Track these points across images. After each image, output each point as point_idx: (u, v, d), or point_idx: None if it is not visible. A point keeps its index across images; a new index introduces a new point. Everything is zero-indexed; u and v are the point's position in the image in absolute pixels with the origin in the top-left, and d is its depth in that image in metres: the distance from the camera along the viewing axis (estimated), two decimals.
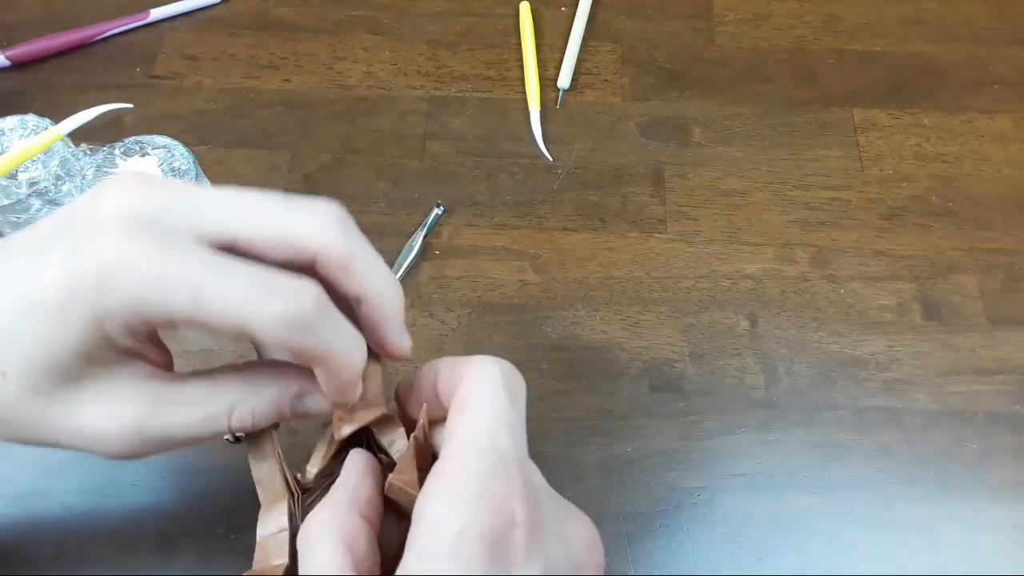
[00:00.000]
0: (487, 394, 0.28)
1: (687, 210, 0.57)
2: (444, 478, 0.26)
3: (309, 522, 0.28)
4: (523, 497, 0.26)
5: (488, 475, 0.26)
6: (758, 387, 0.50)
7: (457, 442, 0.27)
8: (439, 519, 0.25)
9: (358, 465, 0.30)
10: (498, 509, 0.25)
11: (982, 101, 0.62)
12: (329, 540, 0.26)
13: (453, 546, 0.24)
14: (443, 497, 0.26)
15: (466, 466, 0.26)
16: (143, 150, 0.48)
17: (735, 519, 0.46)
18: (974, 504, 0.47)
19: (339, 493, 0.28)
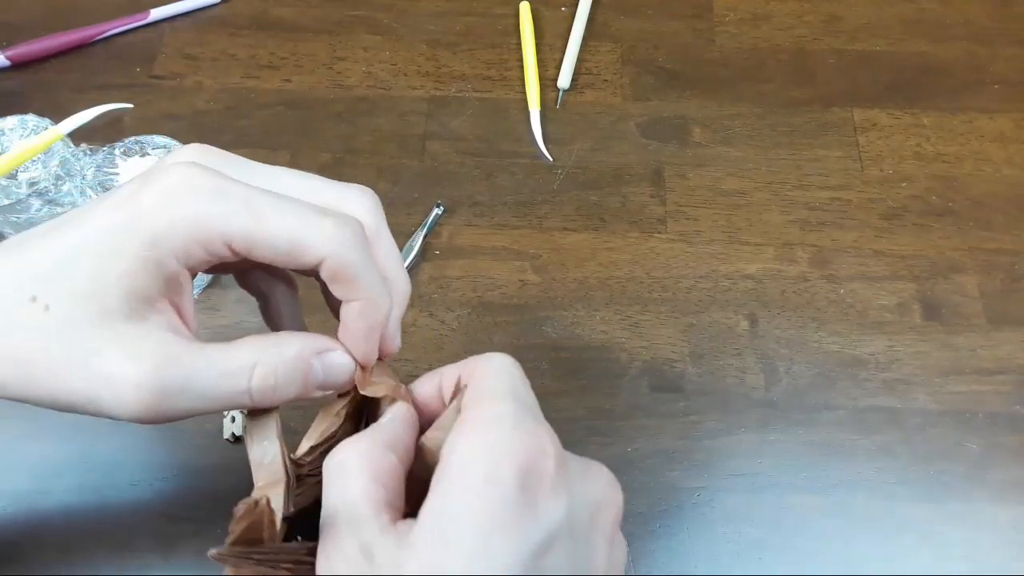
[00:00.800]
0: (503, 368, 0.29)
1: (687, 210, 0.57)
2: (474, 419, 0.27)
3: (344, 449, 0.28)
4: (551, 434, 0.27)
5: (517, 414, 0.26)
6: (758, 387, 0.50)
7: (479, 396, 0.27)
8: (473, 450, 0.25)
9: (401, 413, 0.30)
10: (530, 440, 0.26)
11: (982, 101, 0.62)
12: (363, 471, 0.26)
13: (489, 473, 0.25)
14: (476, 432, 0.26)
15: (494, 408, 0.27)
16: (143, 150, 0.48)
17: (735, 519, 0.46)
18: (974, 504, 0.47)
19: (377, 432, 0.28)
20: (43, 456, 0.48)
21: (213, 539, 0.46)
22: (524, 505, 0.24)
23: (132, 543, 0.46)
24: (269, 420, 0.30)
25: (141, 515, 0.46)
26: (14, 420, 0.49)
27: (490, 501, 0.24)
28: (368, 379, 0.31)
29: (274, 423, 0.30)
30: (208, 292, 0.53)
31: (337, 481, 0.27)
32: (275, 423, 0.30)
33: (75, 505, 0.47)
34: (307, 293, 0.38)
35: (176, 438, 0.48)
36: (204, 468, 0.47)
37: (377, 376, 0.32)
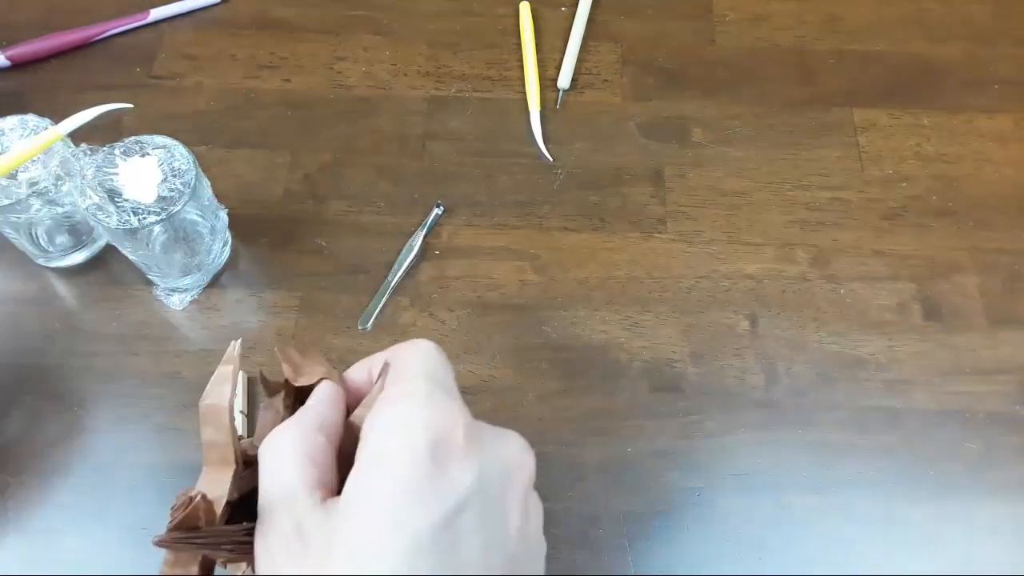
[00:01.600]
0: (423, 351, 0.30)
1: (687, 210, 0.57)
2: (390, 396, 0.29)
3: (277, 435, 0.29)
4: (462, 407, 0.29)
5: (429, 390, 0.28)
6: (758, 387, 0.50)
7: (396, 374, 0.29)
8: (387, 424, 0.27)
9: (327, 393, 0.32)
10: (440, 412, 0.28)
11: (982, 101, 0.62)
12: (296, 454, 0.28)
13: (402, 444, 0.26)
14: (390, 406, 0.28)
15: (409, 386, 0.29)
16: (143, 150, 0.48)
17: (735, 519, 0.46)
18: (974, 504, 0.47)
19: (307, 415, 0.30)
20: (43, 456, 0.48)
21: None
22: (436, 473, 0.26)
23: (132, 543, 0.46)
24: (224, 406, 0.31)
25: (141, 515, 0.46)
26: (15, 420, 0.49)
27: (404, 470, 0.26)
28: (299, 371, 0.33)
29: (228, 410, 0.31)
30: (208, 292, 0.53)
31: (271, 464, 0.28)
32: (229, 410, 0.31)
33: (75, 505, 0.47)
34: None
35: (176, 438, 0.48)
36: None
37: (309, 366, 0.33)
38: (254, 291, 0.54)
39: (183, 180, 0.47)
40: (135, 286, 0.53)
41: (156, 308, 0.53)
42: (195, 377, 0.50)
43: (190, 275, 0.52)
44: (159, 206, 0.46)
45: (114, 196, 0.47)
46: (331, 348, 0.51)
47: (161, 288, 0.53)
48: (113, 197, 0.47)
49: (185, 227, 0.49)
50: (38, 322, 0.52)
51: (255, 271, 0.54)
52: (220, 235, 0.53)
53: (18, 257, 0.54)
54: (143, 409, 0.49)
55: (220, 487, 0.29)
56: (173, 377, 0.50)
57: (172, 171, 0.48)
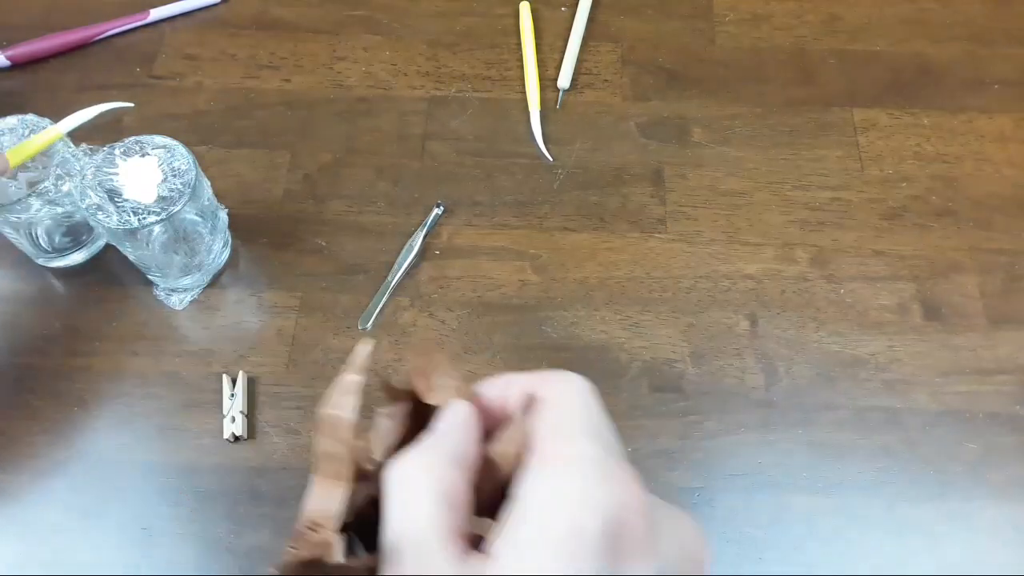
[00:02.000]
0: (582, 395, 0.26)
1: (687, 210, 0.57)
2: (554, 456, 0.24)
3: (408, 463, 0.25)
4: (639, 482, 0.24)
5: (602, 457, 0.24)
6: (758, 387, 0.50)
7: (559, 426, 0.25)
8: (554, 495, 0.23)
9: (464, 419, 0.27)
10: (619, 491, 0.23)
11: (982, 101, 0.62)
12: (430, 492, 0.24)
13: (572, 525, 0.22)
14: (558, 473, 0.23)
15: (577, 446, 0.24)
16: (143, 150, 0.48)
17: (735, 519, 0.46)
18: (974, 504, 0.47)
19: (443, 443, 0.26)
20: (44, 456, 0.48)
21: (214, 539, 0.47)
22: (607, 567, 0.22)
23: (132, 543, 0.46)
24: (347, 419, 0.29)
25: (141, 515, 0.46)
26: (15, 420, 0.49)
27: (570, 558, 0.22)
28: (429, 384, 0.29)
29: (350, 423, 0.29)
30: (208, 292, 0.53)
31: (400, 498, 0.25)
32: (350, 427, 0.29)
33: (75, 505, 0.47)
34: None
35: (176, 438, 0.48)
36: (204, 468, 0.47)
37: (438, 378, 0.30)
38: (254, 291, 0.54)
39: (183, 180, 0.47)
40: (135, 286, 0.53)
41: (156, 308, 0.53)
42: (195, 377, 0.50)
43: (190, 275, 0.52)
44: (159, 206, 0.46)
45: (114, 196, 0.47)
46: (331, 348, 0.51)
47: (161, 288, 0.53)
48: (113, 197, 0.47)
49: (185, 227, 0.49)
50: (38, 322, 0.52)
51: (255, 271, 0.54)
52: (220, 235, 0.53)
53: (18, 257, 0.54)
54: (143, 409, 0.49)
55: (332, 503, 0.27)
56: (173, 377, 0.50)
57: (172, 171, 0.48)
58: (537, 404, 0.26)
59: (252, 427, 0.49)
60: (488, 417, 0.28)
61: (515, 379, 0.28)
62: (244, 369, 0.50)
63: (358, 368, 0.29)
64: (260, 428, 0.49)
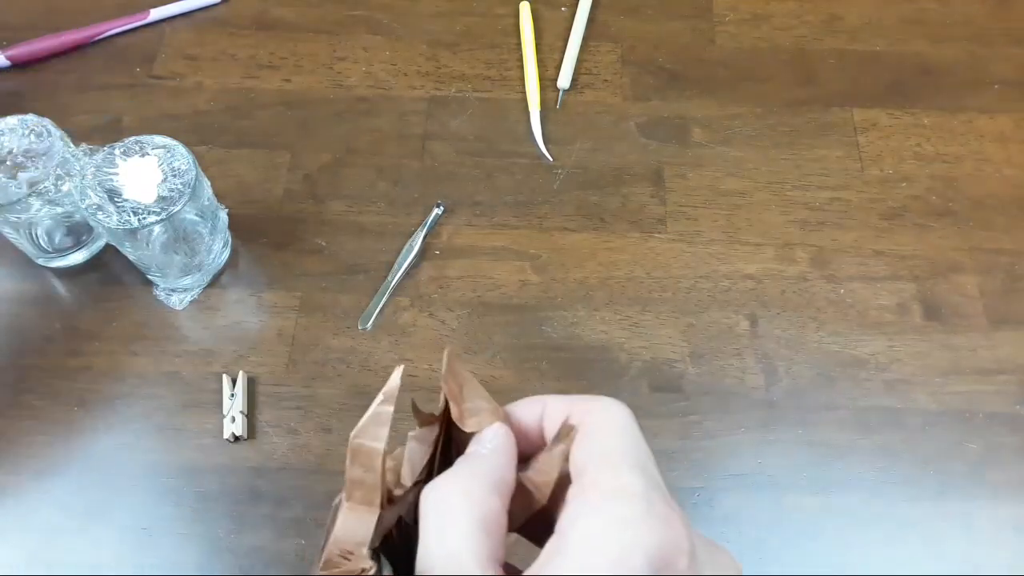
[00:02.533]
0: (624, 424, 0.26)
1: (687, 210, 0.57)
2: (598, 489, 0.24)
3: (445, 486, 0.25)
4: (684, 520, 0.24)
5: (649, 493, 0.23)
6: (758, 387, 0.50)
7: (602, 457, 0.25)
8: (599, 531, 0.23)
9: (502, 444, 0.26)
10: (664, 531, 0.23)
11: (982, 101, 0.62)
12: (467, 517, 0.24)
13: (617, 564, 0.22)
14: (602, 508, 0.23)
15: (622, 480, 0.24)
16: (143, 150, 0.48)
17: (735, 519, 0.46)
18: (974, 504, 0.47)
19: (480, 468, 0.26)
20: (44, 456, 0.48)
21: (213, 539, 0.47)
22: None
23: (132, 543, 0.46)
24: (379, 449, 0.29)
25: (141, 515, 0.46)
26: (15, 420, 0.49)
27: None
28: (462, 409, 0.29)
29: (382, 453, 0.29)
30: (208, 292, 0.53)
31: (437, 523, 0.24)
32: (380, 454, 0.29)
33: (75, 506, 0.47)
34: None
35: (176, 438, 0.48)
36: (204, 468, 0.47)
37: (471, 401, 0.29)
38: (254, 291, 0.54)
39: (183, 180, 0.47)
40: (135, 286, 0.53)
41: (156, 308, 0.53)
42: (195, 377, 0.50)
43: (190, 275, 0.52)
44: (159, 206, 0.46)
45: (114, 196, 0.47)
46: (331, 348, 0.51)
47: (161, 288, 0.53)
48: (113, 197, 0.47)
49: (185, 227, 0.49)
50: (38, 322, 0.52)
51: (255, 271, 0.54)
52: (220, 235, 0.53)
53: (18, 257, 0.54)
54: (143, 409, 0.49)
55: (363, 530, 0.27)
56: (173, 377, 0.50)
57: (172, 171, 0.48)
58: (579, 431, 0.26)
59: (252, 427, 0.49)
60: (522, 440, 0.28)
61: (552, 402, 0.28)
62: (244, 369, 0.50)
63: (389, 398, 0.29)
64: (260, 428, 0.49)
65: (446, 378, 0.29)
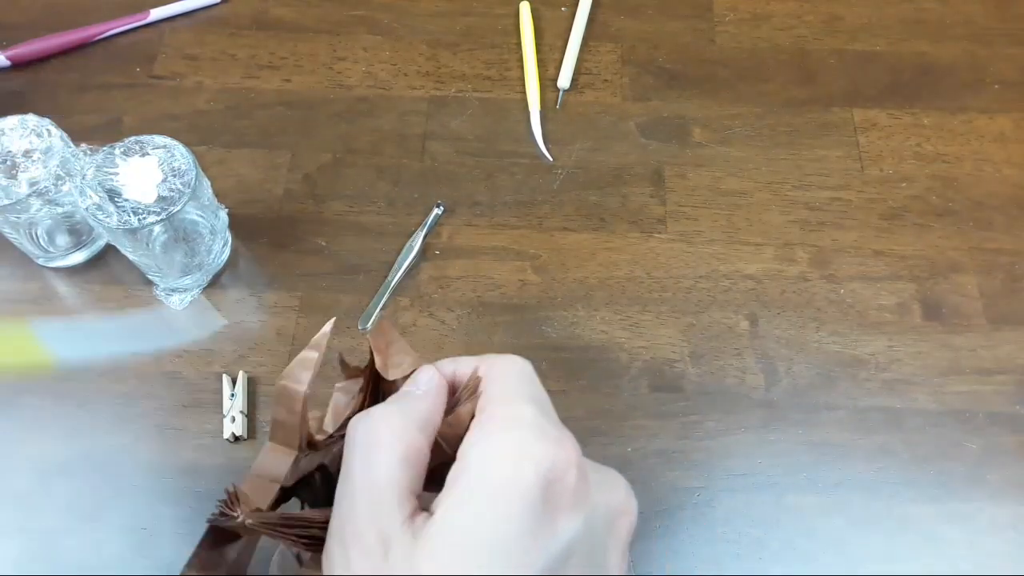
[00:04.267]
0: (523, 370, 0.28)
1: (687, 210, 0.57)
2: (494, 417, 0.26)
3: (375, 420, 0.26)
4: (573, 441, 0.26)
5: (539, 418, 0.26)
6: (758, 387, 0.50)
7: (499, 394, 0.27)
8: (495, 451, 0.25)
9: (433, 385, 0.28)
10: (554, 448, 0.25)
11: (982, 101, 0.62)
12: (393, 451, 0.25)
13: (511, 477, 0.24)
14: (497, 432, 0.25)
15: (516, 408, 0.26)
16: (143, 150, 0.48)
17: (735, 519, 0.46)
18: (974, 504, 0.47)
19: (411, 406, 0.27)
20: (44, 456, 0.48)
21: None
22: (544, 516, 0.24)
23: (132, 543, 0.46)
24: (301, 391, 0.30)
25: (141, 515, 0.46)
26: (15, 420, 0.49)
27: (511, 508, 0.23)
28: (388, 358, 0.31)
29: (303, 395, 0.30)
30: (208, 292, 0.53)
31: (364, 454, 0.26)
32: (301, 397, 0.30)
33: (75, 506, 0.47)
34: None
35: (176, 438, 0.48)
36: (204, 468, 0.47)
37: (396, 354, 0.31)
38: (254, 291, 0.54)
39: (183, 180, 0.47)
40: (135, 286, 0.53)
41: (156, 308, 0.53)
42: (195, 377, 0.50)
43: (190, 275, 0.52)
44: (159, 206, 0.46)
45: (114, 196, 0.47)
46: (331, 348, 0.51)
47: (161, 288, 0.53)
48: (113, 197, 0.47)
49: (185, 227, 0.49)
50: (38, 322, 0.52)
51: (255, 271, 0.54)
52: (220, 235, 0.53)
53: (18, 257, 0.54)
54: (143, 409, 0.49)
55: (279, 468, 0.29)
56: (173, 377, 0.50)
57: (172, 171, 0.48)
58: (484, 380, 0.28)
59: (252, 427, 0.49)
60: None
61: (460, 360, 0.30)
62: (244, 369, 0.50)
63: (317, 345, 0.31)
64: (260, 428, 0.49)
65: (374, 334, 0.31)
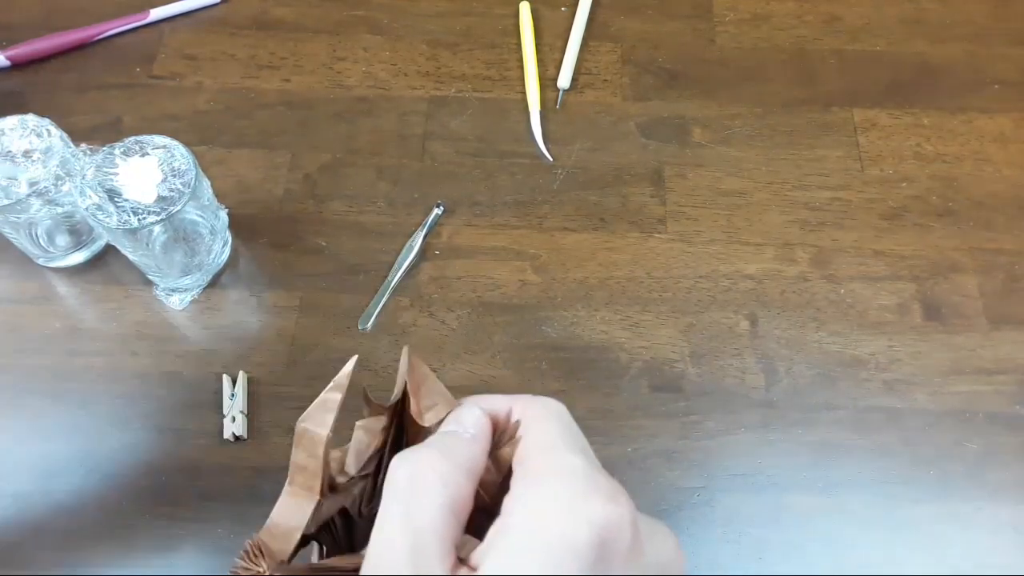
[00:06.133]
0: (561, 415, 0.27)
1: (687, 210, 0.57)
2: (542, 470, 0.24)
3: (421, 461, 0.25)
4: (625, 494, 0.24)
5: (590, 471, 0.24)
6: (758, 387, 0.50)
7: (543, 443, 0.25)
8: (546, 507, 0.23)
9: (480, 428, 0.27)
10: (608, 504, 0.23)
11: (982, 101, 0.62)
12: (439, 499, 0.24)
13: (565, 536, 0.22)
14: (545, 483, 0.24)
15: (561, 458, 0.24)
16: (143, 150, 0.48)
17: (735, 519, 0.46)
18: (974, 504, 0.47)
19: (459, 449, 0.26)
20: (44, 456, 0.48)
21: (213, 539, 0.47)
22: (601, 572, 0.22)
23: (133, 543, 0.46)
24: (323, 435, 0.29)
25: (141, 516, 0.46)
26: (15, 420, 0.49)
27: (564, 569, 0.22)
28: (424, 406, 0.29)
29: (326, 440, 0.29)
30: (208, 292, 0.53)
31: (406, 496, 0.24)
32: (323, 441, 0.29)
33: (75, 505, 0.47)
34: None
35: (176, 438, 0.48)
36: (204, 468, 0.47)
37: (429, 397, 0.30)
38: (254, 291, 0.54)
39: (183, 180, 0.47)
40: (135, 286, 0.53)
41: (156, 308, 0.53)
42: (195, 377, 0.50)
43: (190, 275, 0.52)
44: (159, 206, 0.46)
45: (114, 196, 0.47)
46: (331, 348, 0.51)
47: (161, 288, 0.53)
48: (113, 197, 0.47)
49: (185, 227, 0.49)
50: (38, 322, 0.52)
51: (255, 271, 0.54)
52: (220, 235, 0.53)
53: (18, 257, 0.54)
54: (143, 409, 0.49)
55: (300, 515, 0.28)
56: (173, 377, 0.50)
57: (172, 171, 0.48)
58: (520, 424, 0.26)
59: (252, 427, 0.49)
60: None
61: (495, 399, 0.28)
62: (244, 369, 0.50)
63: (338, 386, 0.29)
64: (260, 428, 0.49)
65: (407, 374, 0.29)
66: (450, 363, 0.51)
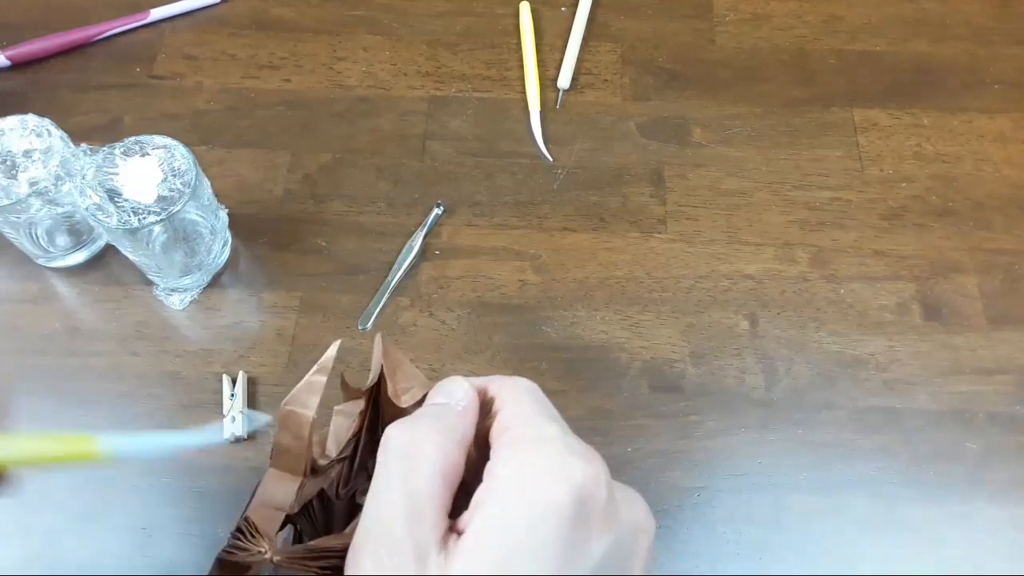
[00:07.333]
0: (535, 391, 0.28)
1: (687, 210, 0.57)
2: (521, 438, 0.26)
3: (418, 432, 0.26)
4: (600, 458, 0.26)
5: (567, 436, 0.26)
6: (758, 387, 0.50)
7: (520, 415, 0.27)
8: (527, 471, 0.24)
9: (470, 402, 0.28)
10: (585, 466, 0.25)
11: (982, 101, 0.62)
12: (435, 467, 0.25)
13: (546, 498, 0.24)
14: (527, 451, 0.25)
15: (542, 429, 0.26)
16: (143, 150, 0.48)
17: (735, 519, 0.46)
18: (974, 504, 0.47)
19: (452, 421, 0.27)
20: None
21: (213, 538, 0.47)
22: (579, 535, 0.24)
23: (132, 543, 0.46)
24: (308, 416, 0.29)
25: (142, 516, 0.46)
26: (15, 420, 0.49)
27: (548, 527, 0.23)
28: (400, 388, 0.30)
29: (310, 421, 0.30)
30: (208, 292, 0.53)
31: (404, 463, 0.25)
32: (309, 423, 0.29)
33: (75, 507, 0.47)
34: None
35: None
36: (204, 468, 0.47)
37: (404, 380, 0.31)
38: (254, 291, 0.54)
39: (183, 180, 0.47)
40: (135, 286, 0.53)
41: (156, 308, 0.53)
42: (195, 377, 0.50)
43: (190, 275, 0.52)
44: (159, 206, 0.46)
45: (114, 196, 0.47)
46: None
47: (161, 288, 0.53)
48: (113, 197, 0.47)
49: (185, 227, 0.49)
50: (38, 322, 0.52)
51: (255, 271, 0.54)
52: (220, 235, 0.53)
53: (18, 257, 0.54)
54: (143, 409, 0.49)
55: (284, 495, 0.29)
56: (173, 377, 0.50)
57: (172, 171, 0.48)
58: (496, 400, 0.28)
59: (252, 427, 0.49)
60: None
61: (467, 381, 0.29)
62: (244, 369, 0.50)
63: (323, 369, 0.30)
64: (260, 428, 0.49)
65: (383, 360, 0.30)
66: (450, 363, 0.51)
